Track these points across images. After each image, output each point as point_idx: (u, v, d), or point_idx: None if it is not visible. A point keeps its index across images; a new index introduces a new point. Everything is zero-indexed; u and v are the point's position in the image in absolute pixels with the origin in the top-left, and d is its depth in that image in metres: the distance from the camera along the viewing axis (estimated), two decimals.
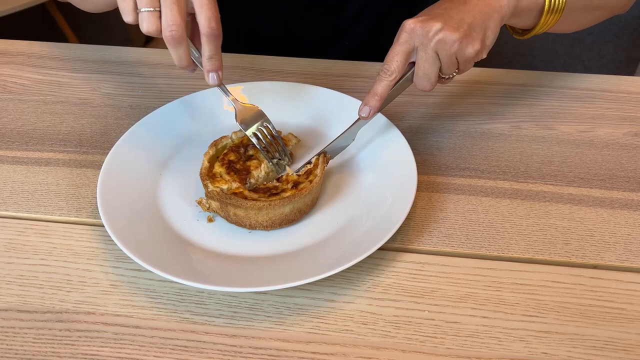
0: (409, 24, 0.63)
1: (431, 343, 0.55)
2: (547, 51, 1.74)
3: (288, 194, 0.64)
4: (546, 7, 0.68)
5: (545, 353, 0.54)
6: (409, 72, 0.66)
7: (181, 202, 0.68)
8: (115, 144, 0.71)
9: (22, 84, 0.89)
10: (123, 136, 0.73)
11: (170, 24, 0.58)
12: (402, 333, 0.56)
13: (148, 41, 2.42)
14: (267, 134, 0.69)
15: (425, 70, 0.64)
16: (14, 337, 0.56)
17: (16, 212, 0.68)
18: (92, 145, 0.77)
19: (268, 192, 0.65)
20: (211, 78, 0.64)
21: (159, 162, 0.72)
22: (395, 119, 0.76)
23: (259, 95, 0.78)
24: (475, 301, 0.59)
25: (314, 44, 1.01)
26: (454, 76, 0.67)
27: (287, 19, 1.00)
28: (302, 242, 0.63)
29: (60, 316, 0.57)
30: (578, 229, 0.66)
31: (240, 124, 0.69)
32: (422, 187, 0.70)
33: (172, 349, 0.55)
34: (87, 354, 0.54)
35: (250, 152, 0.70)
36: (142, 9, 0.58)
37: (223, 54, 0.64)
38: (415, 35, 0.63)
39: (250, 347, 0.55)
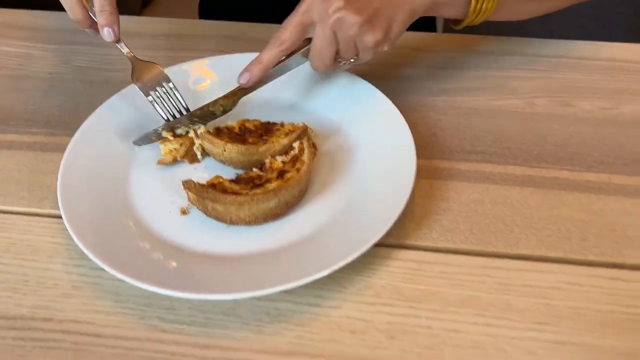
0: None
1: (428, 356, 0.49)
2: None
3: (273, 185, 0.57)
4: None
5: None
6: (305, 49, 0.60)
7: (154, 191, 0.61)
8: (82, 126, 0.65)
9: None
10: (91, 116, 0.66)
11: None
12: (396, 344, 0.50)
13: (145, 5, 2.33)
14: (169, 96, 0.63)
15: (320, 49, 0.59)
16: None
17: None
18: (60, 126, 0.70)
19: (251, 182, 0.58)
20: (106, 33, 0.61)
21: (131, 146, 0.65)
22: (392, 94, 0.67)
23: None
24: (479, 306, 0.52)
25: None
26: (351, 63, 0.61)
27: None
28: (287, 239, 0.56)
29: (14, 323, 0.51)
30: (597, 223, 0.58)
31: (136, 82, 0.63)
32: (423, 174, 0.63)
33: None
34: None
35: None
36: None
37: (208, 21, 0.57)
38: (314, 8, 0.57)
39: (224, 359, 0.49)
